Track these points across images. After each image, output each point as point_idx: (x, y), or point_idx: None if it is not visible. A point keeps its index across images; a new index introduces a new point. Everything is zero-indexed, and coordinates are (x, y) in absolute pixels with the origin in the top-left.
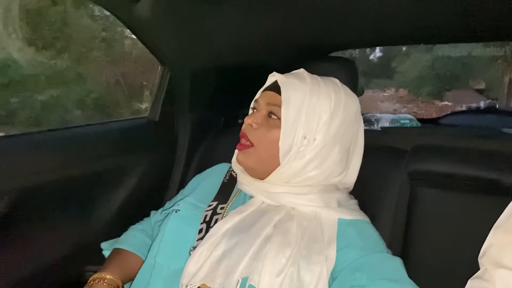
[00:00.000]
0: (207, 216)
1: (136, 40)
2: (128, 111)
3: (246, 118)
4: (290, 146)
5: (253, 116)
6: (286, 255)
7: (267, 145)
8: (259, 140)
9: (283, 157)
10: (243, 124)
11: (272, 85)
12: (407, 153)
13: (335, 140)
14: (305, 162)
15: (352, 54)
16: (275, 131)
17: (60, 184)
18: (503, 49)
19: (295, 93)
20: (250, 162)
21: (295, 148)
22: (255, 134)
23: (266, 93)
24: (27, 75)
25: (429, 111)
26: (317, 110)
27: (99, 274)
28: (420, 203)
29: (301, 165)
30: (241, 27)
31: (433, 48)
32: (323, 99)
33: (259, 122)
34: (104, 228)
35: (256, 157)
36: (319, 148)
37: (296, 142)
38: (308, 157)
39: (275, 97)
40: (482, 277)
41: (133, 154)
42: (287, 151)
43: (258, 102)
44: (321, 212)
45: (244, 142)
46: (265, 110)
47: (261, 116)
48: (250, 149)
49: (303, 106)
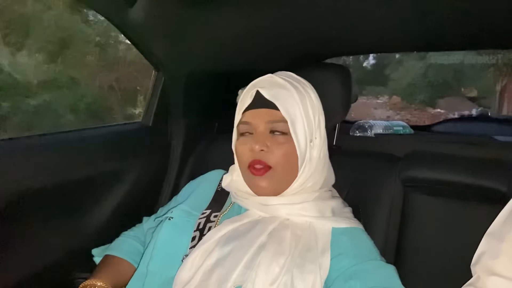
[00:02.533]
0: (200, 224)
1: (130, 45)
2: (121, 116)
3: (246, 143)
4: (305, 154)
5: (258, 141)
6: (280, 263)
7: (284, 163)
8: (277, 161)
9: (301, 166)
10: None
11: (258, 101)
12: (400, 160)
13: (324, 133)
14: (315, 162)
15: (345, 61)
16: (285, 146)
17: (51, 189)
18: (495, 57)
19: (290, 104)
20: (273, 185)
21: (308, 154)
22: (270, 157)
23: (257, 111)
24: (18, 80)
25: (422, 118)
26: (310, 113)
27: (90, 281)
28: (413, 209)
29: (314, 166)
30: (234, 32)
31: (426, 55)
32: (310, 100)
33: (269, 144)
34: (95, 234)
35: (277, 177)
36: (319, 146)
37: (307, 148)
38: (315, 156)
39: (272, 113)
40: (474, 284)
41: (126, 159)
42: (303, 160)
43: (250, 124)
44: (316, 222)
45: (260, 166)
46: (267, 129)
47: (265, 136)
48: (270, 171)
49: (301, 113)
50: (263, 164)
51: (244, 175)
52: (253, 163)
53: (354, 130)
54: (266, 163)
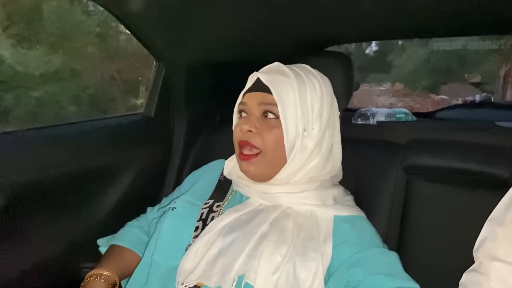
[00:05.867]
0: (203, 214)
1: (131, 36)
2: (123, 106)
3: (239, 124)
4: (294, 142)
5: (248, 121)
6: (282, 252)
7: (273, 148)
8: (264, 144)
9: (289, 153)
10: (238, 131)
11: (255, 85)
12: (402, 147)
13: (327, 125)
14: (308, 153)
15: (348, 49)
16: (276, 130)
17: (55, 181)
18: (498, 42)
19: (285, 90)
20: (261, 170)
21: (299, 142)
22: (258, 139)
23: (253, 94)
24: (20, 72)
25: (425, 105)
26: (308, 101)
27: (96, 271)
28: (416, 196)
29: (305, 156)
30: (235, 22)
31: (428, 42)
32: (311, 89)
33: (258, 125)
34: (100, 224)
35: (265, 163)
36: (318, 137)
37: (298, 136)
38: (310, 147)
39: (265, 96)
40: (477, 270)
41: (128, 150)
42: (292, 147)
43: (246, 104)
44: (317, 210)
45: (249, 151)
46: (259, 111)
47: (256, 118)
48: (258, 157)
49: (296, 100)
50: (251, 146)
51: (237, 158)
52: (241, 145)
53: (356, 118)
54: (255, 145)
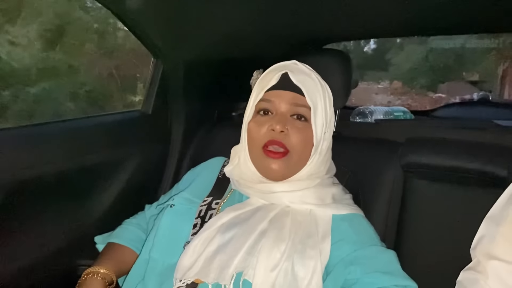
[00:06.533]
0: (201, 211)
1: (129, 32)
2: (121, 103)
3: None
4: (318, 145)
5: (280, 121)
6: (280, 249)
7: (301, 150)
8: (293, 146)
9: (312, 156)
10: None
11: (282, 83)
12: (400, 145)
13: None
14: (323, 155)
15: (346, 47)
16: (303, 132)
17: (53, 178)
18: (496, 41)
19: (314, 94)
20: (284, 169)
21: (320, 145)
22: (289, 140)
23: (281, 92)
24: (17, 68)
25: (423, 103)
26: (328, 105)
27: (93, 268)
28: (414, 195)
29: (321, 158)
30: (233, 19)
31: (427, 40)
32: (328, 94)
33: (288, 127)
34: (97, 222)
35: (290, 163)
36: (329, 139)
37: (321, 139)
38: (325, 149)
39: (297, 97)
40: (474, 268)
41: (126, 147)
42: (316, 150)
43: (273, 103)
44: (316, 209)
45: (278, 149)
46: (289, 111)
47: (287, 119)
48: (286, 156)
49: (322, 105)
50: (282, 147)
51: (255, 155)
52: (269, 143)
53: (355, 116)
54: (285, 145)
